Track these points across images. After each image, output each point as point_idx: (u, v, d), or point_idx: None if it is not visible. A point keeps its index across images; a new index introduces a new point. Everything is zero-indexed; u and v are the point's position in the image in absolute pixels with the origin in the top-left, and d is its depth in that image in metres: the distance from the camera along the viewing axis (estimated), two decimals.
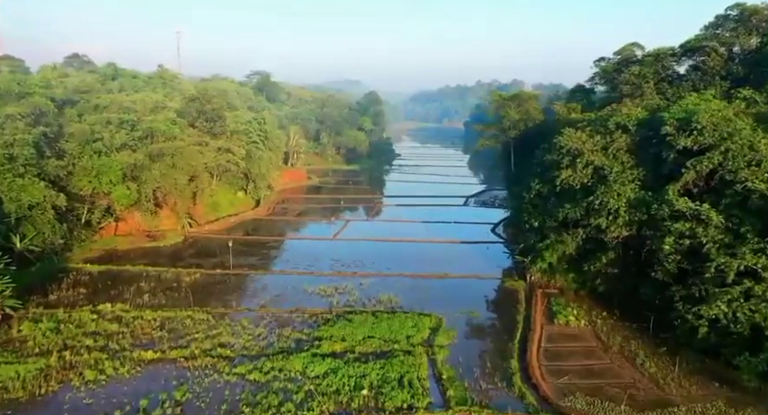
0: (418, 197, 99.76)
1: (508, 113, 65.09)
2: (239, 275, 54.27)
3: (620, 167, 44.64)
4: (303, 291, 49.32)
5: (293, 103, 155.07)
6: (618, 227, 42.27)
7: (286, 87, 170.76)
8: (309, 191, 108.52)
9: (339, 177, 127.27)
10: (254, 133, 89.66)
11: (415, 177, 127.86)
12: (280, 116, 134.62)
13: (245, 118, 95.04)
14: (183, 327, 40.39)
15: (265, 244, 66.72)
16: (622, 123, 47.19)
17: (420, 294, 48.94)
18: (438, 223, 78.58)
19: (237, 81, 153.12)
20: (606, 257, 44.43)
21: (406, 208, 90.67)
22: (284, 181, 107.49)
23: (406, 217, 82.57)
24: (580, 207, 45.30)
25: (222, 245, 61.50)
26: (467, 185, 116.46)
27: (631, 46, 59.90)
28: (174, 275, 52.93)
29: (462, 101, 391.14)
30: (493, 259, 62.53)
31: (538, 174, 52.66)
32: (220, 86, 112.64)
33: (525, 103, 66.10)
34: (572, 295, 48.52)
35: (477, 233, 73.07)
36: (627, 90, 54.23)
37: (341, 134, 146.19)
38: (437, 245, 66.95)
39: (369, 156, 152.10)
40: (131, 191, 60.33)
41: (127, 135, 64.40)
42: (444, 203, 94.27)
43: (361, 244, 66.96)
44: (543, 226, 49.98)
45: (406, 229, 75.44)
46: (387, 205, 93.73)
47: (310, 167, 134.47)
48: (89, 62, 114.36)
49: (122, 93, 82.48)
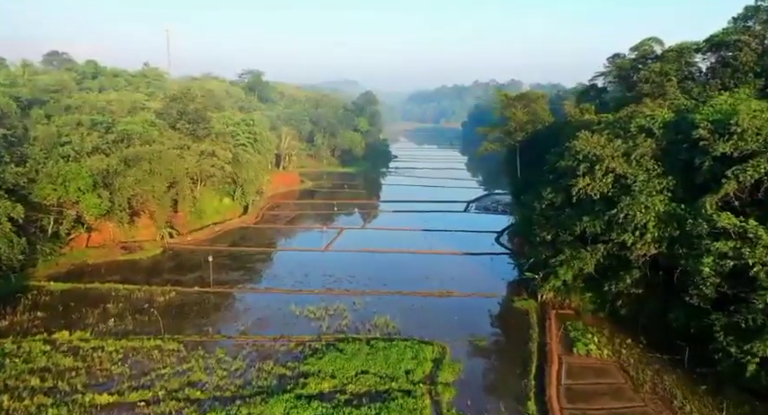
0: (416, 202, 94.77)
1: (514, 114, 60.07)
2: (220, 293, 49.07)
3: (645, 175, 39.66)
4: (290, 313, 44.14)
5: (286, 103, 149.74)
6: (645, 244, 37.28)
7: (279, 87, 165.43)
8: (302, 196, 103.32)
9: (333, 180, 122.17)
10: (242, 135, 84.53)
11: (413, 180, 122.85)
12: (272, 116, 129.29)
13: (234, 119, 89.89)
14: (150, 360, 35.16)
15: (251, 257, 61.46)
16: (646, 126, 42.23)
17: (420, 316, 43.88)
18: (438, 231, 73.56)
19: (229, 80, 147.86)
20: (630, 276, 39.37)
21: (404, 215, 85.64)
22: (275, 186, 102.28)
23: (403, 225, 77.50)
24: (600, 221, 40.28)
25: (206, 257, 56.33)
26: (467, 189, 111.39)
27: (649, 41, 54.98)
28: (147, 294, 47.68)
29: (460, 102, 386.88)
30: (498, 272, 57.53)
31: (550, 182, 47.60)
32: (208, 86, 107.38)
33: (532, 104, 61.11)
34: (589, 317, 43.48)
35: (480, 243, 68.07)
36: (647, 89, 49.22)
37: (336, 135, 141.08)
38: (438, 257, 61.89)
39: (364, 158, 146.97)
40: (103, 200, 55.05)
41: (100, 138, 59.15)
42: (444, 209, 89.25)
43: (355, 256, 61.85)
44: (557, 240, 44.91)
45: (403, 238, 70.37)
46: (383, 211, 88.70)
47: (304, 170, 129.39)
48: (69, 60, 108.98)
49: (103, 93, 77.05)
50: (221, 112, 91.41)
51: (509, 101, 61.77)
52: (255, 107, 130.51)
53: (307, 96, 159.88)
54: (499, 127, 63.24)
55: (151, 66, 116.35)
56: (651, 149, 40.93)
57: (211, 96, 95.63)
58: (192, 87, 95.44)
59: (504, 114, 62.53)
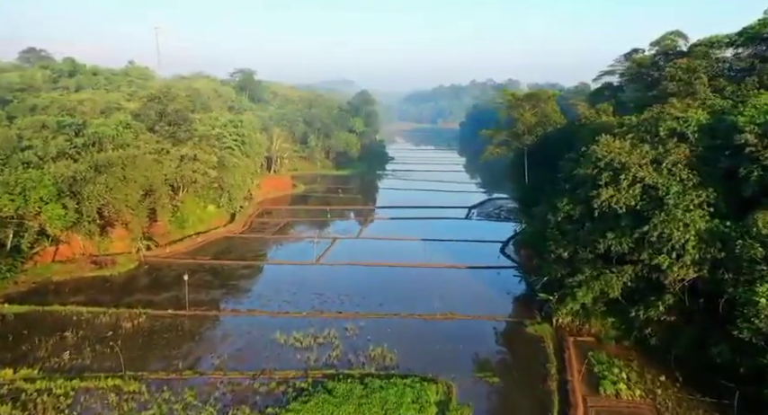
0: (414, 208, 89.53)
1: (522, 116, 54.95)
2: (197, 316, 43.77)
3: (679, 186, 34.63)
4: (274, 341, 38.91)
5: (279, 103, 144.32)
6: (684, 267, 32.24)
7: (272, 86, 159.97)
8: (294, 201, 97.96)
9: (328, 184, 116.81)
10: (229, 137, 79.18)
11: (410, 184, 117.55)
12: (263, 117, 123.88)
13: (221, 120, 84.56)
14: (104, 406, 29.89)
15: (235, 272, 56.13)
16: (678, 129, 37.23)
17: (421, 345, 38.70)
18: (438, 241, 68.40)
19: (220, 79, 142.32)
20: (663, 302, 34.35)
21: (402, 222, 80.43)
22: (265, 190, 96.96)
23: (401, 234, 72.27)
24: (628, 238, 35.25)
25: (185, 271, 51.03)
26: (467, 193, 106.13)
27: (672, 35, 50.06)
28: (114, 318, 42.37)
29: (457, 101, 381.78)
30: (505, 288, 52.43)
31: (566, 192, 42.54)
32: (195, 85, 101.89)
33: (542, 104, 55.98)
34: (613, 346, 38.35)
35: (484, 255, 62.97)
36: (672, 88, 44.20)
37: (330, 136, 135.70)
38: (438, 271, 56.76)
39: (360, 160, 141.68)
40: (69, 210, 49.66)
41: (67, 141, 53.80)
42: (444, 215, 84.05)
43: (348, 271, 56.68)
44: (575, 258, 39.86)
45: (401, 249, 65.22)
46: (379, 218, 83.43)
47: (297, 173, 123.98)
48: (48, 57, 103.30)
49: (76, 92, 71.48)
50: (208, 113, 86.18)
51: (516, 101, 56.55)
52: (246, 107, 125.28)
53: (300, 96, 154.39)
54: (505, 129, 58.02)
55: (137, 64, 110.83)
56: (685, 156, 35.95)
57: (197, 96, 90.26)
58: (173, 86, 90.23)
59: (510, 115, 57.33)
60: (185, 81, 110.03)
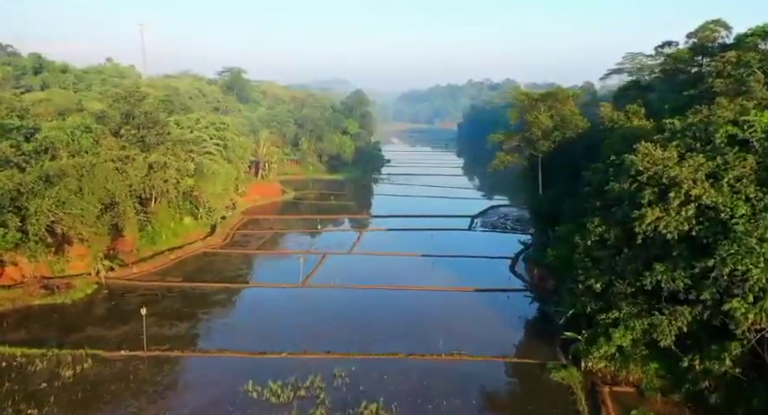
0: (413, 217, 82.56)
1: (537, 119, 47.99)
2: (156, 359, 36.59)
3: (746, 208, 27.84)
4: (244, 394, 31.84)
5: (269, 104, 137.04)
6: (761, 314, 25.39)
7: (262, 86, 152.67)
8: (283, 209, 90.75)
9: (320, 189, 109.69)
10: (210, 141, 71.98)
11: (408, 189, 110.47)
12: (251, 118, 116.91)
13: (202, 122, 77.37)
14: None
15: (208, 297, 48.98)
16: (740, 136, 30.40)
17: (424, 400, 31.71)
18: (440, 257, 61.49)
19: (207, 78, 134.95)
20: (729, 353, 27.49)
21: (399, 234, 73.44)
22: (252, 198, 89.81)
23: (398, 248, 65.26)
24: (682, 273, 28.38)
25: (150, 298, 44.22)
26: (468, 200, 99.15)
27: (712, 25, 43.22)
28: (54, 363, 35.16)
29: (454, 101, 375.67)
30: (519, 317, 45.67)
31: (597, 210, 35.64)
32: (175, 84, 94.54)
33: (559, 105, 49.01)
34: (658, 399, 31.51)
35: (492, 272, 56.19)
36: (719, 85, 37.44)
37: (322, 139, 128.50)
38: (442, 295, 49.87)
39: (354, 163, 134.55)
40: (9, 229, 42.43)
41: (13, 147, 46.58)
42: (445, 225, 76.99)
43: (339, 295, 49.68)
44: (610, 291, 32.99)
45: (399, 267, 58.37)
46: (374, 229, 76.27)
47: (287, 178, 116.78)
48: (15, 53, 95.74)
49: (31, 92, 64.18)
50: (188, 114, 79.02)
51: (530, 102, 49.51)
52: (233, 108, 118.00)
53: (292, 96, 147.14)
54: (517, 133, 50.99)
55: (115, 61, 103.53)
56: (751, 169, 29.12)
57: (176, 96, 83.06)
58: (153, 85, 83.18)
59: (522, 118, 50.35)
60: (166, 80, 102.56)
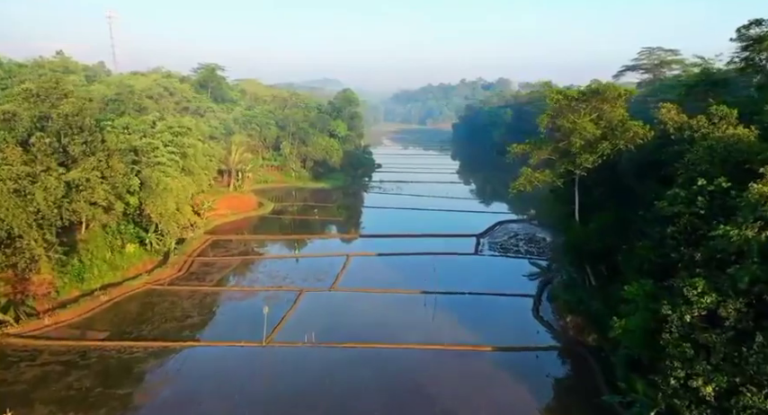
0: (408, 237, 70.49)
1: (578, 125, 35.73)
2: None
3: None
4: None
5: (248, 103, 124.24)
6: None
7: (242, 84, 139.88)
8: (257, 226, 78.19)
9: (302, 200, 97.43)
10: (164, 149, 59.36)
11: (401, 200, 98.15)
12: (226, 120, 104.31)
13: (159, 126, 64.75)
14: None
15: (137, 365, 36.49)
16: None
17: None
18: (444, 294, 49.46)
19: (181, 76, 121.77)
20: None
21: (392, 260, 61.31)
22: (221, 213, 77.29)
23: (392, 281, 53.26)
24: None
25: (60, 365, 31.68)
26: (470, 213, 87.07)
27: None
28: None
29: (447, 101, 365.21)
30: (559, 395, 33.68)
31: (696, 266, 23.65)
32: (134, 81, 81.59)
33: (607, 107, 36.54)
34: None
35: (511, 318, 44.60)
36: None
37: (307, 142, 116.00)
38: (450, 357, 37.80)
39: (342, 169, 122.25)
40: None
41: None
42: (446, 248, 64.77)
43: (312, 359, 37.39)
44: (736, 400, 20.99)
45: (393, 311, 46.38)
46: (363, 254, 63.82)
47: (267, 186, 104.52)
48: None
49: None
50: (138, 117, 66.34)
51: (567, 102, 37.06)
52: (206, 108, 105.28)
53: (274, 95, 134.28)
54: (548, 143, 38.56)
55: (65, 54, 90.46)
56: None
57: (130, 94, 70.33)
58: (110, 82, 70.55)
59: (555, 123, 38.06)
60: (125, 77, 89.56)
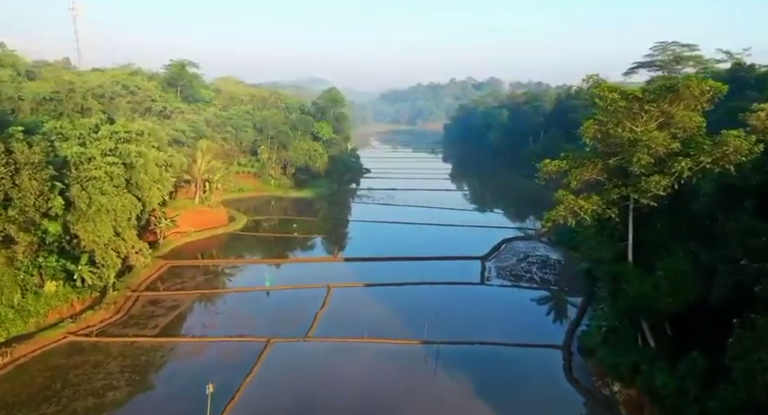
0: (400, 260, 60.10)
1: (642, 136, 25.06)
2: None
3: None
4: None
5: (223, 104, 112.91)
6: None
7: (216, 82, 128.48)
8: (226, 247, 67.19)
9: (281, 212, 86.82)
10: (101, 160, 48.22)
11: (391, 211, 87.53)
12: (197, 122, 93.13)
13: (103, 130, 53.67)
14: None
15: None
16: None
17: None
18: (449, 345, 39.07)
19: (150, 73, 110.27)
20: None
21: (382, 292, 50.80)
22: (182, 231, 66.32)
23: (382, 323, 42.74)
24: None
25: None
26: (468, 228, 76.66)
27: None
28: None
29: (436, 101, 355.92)
30: None
31: None
32: (72, 78, 69.90)
33: (680, 111, 26.00)
34: None
35: (540, 383, 34.19)
36: None
37: (287, 146, 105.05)
38: None
39: (327, 175, 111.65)
40: None
41: None
42: (446, 279, 54.16)
43: None
44: None
45: (384, 372, 35.79)
46: (347, 285, 53.03)
47: (242, 196, 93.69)
48: None
49: None
50: (78, 120, 55.20)
51: (627, 103, 26.14)
52: (174, 109, 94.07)
53: (252, 94, 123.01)
54: (596, 159, 27.86)
55: (8, 48, 78.87)
56: None
57: (69, 92, 59.07)
58: (44, 77, 59.20)
59: (607, 133, 27.19)
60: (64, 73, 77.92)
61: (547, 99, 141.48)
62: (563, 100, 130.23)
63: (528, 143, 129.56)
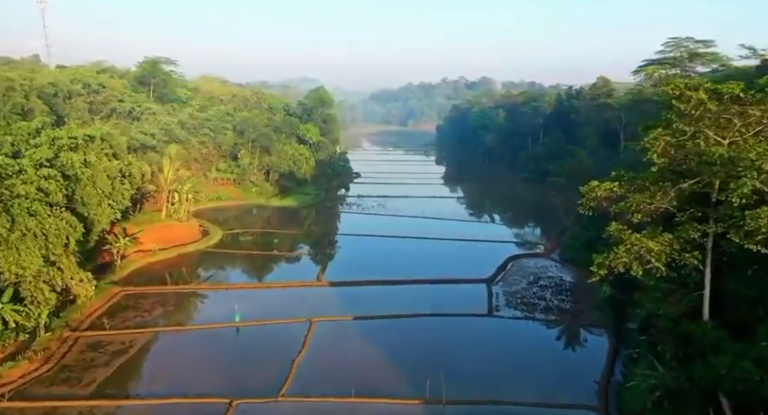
0: (393, 284, 52.28)
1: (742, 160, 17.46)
2: None
3: None
4: None
5: (201, 104, 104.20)
6: None
7: (194, 81, 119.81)
8: (196, 267, 58.93)
9: (262, 224, 78.79)
10: (32, 173, 39.83)
11: (383, 222, 79.55)
12: (170, 124, 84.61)
13: (43, 136, 45.27)
14: None
15: None
16: None
17: None
18: (458, 406, 31.26)
19: (121, 70, 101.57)
20: None
21: (374, 325, 42.92)
22: (145, 249, 58.03)
23: (375, 372, 34.92)
24: None
25: None
26: (469, 244, 68.84)
27: None
28: None
29: (428, 101, 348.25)
30: None
31: None
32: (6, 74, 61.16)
33: None
34: None
35: None
36: None
37: (270, 150, 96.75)
38: None
39: (314, 182, 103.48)
40: None
41: None
42: (448, 310, 46.27)
43: None
44: None
45: None
46: (332, 319, 44.90)
47: (220, 205, 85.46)
48: None
49: None
50: (22, 122, 46.80)
51: (720, 107, 18.42)
52: (144, 109, 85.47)
53: (234, 94, 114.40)
54: (668, 180, 20.14)
55: None
56: None
57: (6, 91, 50.55)
58: None
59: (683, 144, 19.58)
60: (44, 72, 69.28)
61: (546, 99, 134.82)
62: (564, 100, 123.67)
63: (527, 145, 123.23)
